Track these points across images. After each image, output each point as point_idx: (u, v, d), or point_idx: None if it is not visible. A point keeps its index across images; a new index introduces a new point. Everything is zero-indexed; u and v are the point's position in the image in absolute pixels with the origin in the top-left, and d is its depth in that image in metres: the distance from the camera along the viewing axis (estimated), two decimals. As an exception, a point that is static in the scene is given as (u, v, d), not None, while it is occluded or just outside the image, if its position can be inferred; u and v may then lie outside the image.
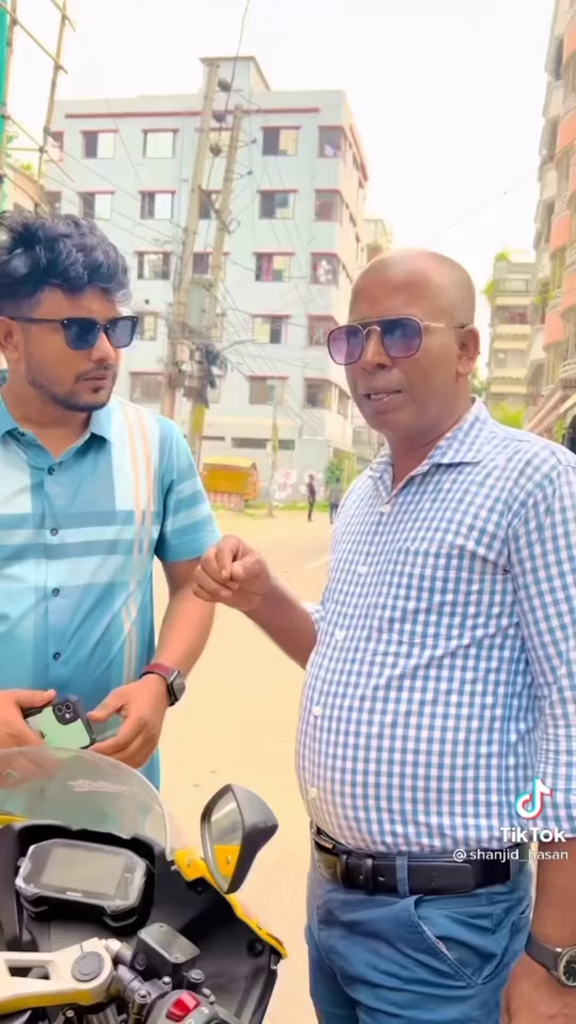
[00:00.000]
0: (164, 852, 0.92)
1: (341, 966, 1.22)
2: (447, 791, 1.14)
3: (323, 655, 1.27)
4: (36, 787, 1.21)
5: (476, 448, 1.21)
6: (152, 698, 1.43)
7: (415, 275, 1.19)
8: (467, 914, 1.14)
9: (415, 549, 1.18)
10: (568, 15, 28.16)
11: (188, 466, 1.60)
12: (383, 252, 1.32)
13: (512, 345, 60.61)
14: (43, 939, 0.90)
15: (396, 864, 1.15)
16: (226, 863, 0.85)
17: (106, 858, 0.93)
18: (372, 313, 1.19)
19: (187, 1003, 0.74)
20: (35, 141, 11.70)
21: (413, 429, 1.22)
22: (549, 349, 31.23)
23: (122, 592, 1.47)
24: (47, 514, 1.42)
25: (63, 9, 11.18)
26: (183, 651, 1.54)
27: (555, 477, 1.12)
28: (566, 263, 26.73)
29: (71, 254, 1.31)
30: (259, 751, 1.47)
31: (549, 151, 33.29)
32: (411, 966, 1.14)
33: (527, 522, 1.12)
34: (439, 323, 1.17)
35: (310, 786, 1.23)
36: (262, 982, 0.91)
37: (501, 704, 1.15)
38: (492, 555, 1.14)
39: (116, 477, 1.48)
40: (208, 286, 21.31)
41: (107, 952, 0.79)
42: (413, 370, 1.17)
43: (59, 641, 1.41)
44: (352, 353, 1.21)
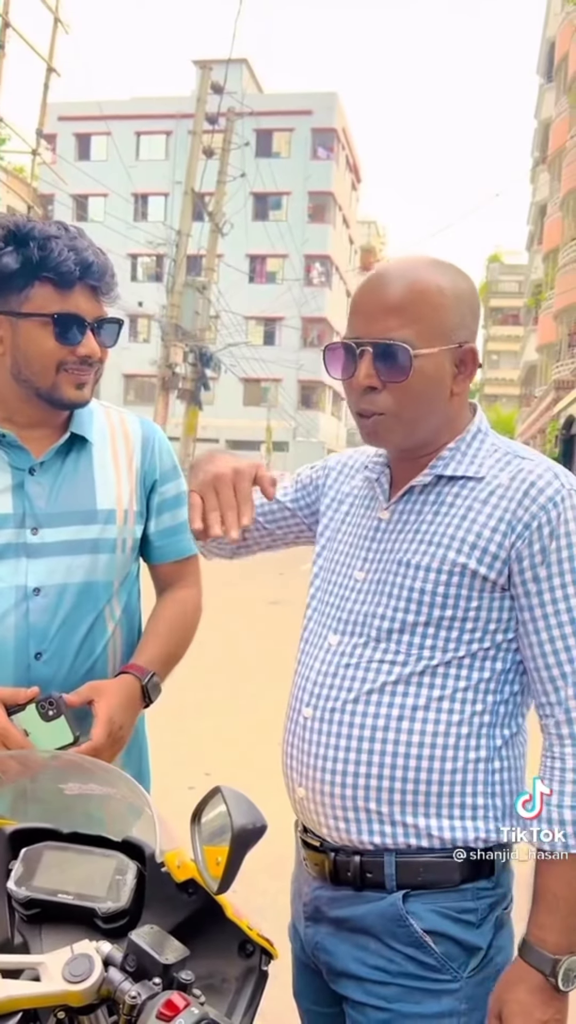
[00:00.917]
0: (154, 854, 0.93)
1: (328, 962, 1.24)
2: (435, 794, 1.15)
3: (315, 657, 1.27)
4: (26, 790, 1.21)
5: (479, 462, 1.21)
6: (123, 697, 1.43)
7: (413, 295, 1.15)
8: (453, 909, 1.16)
9: (416, 562, 1.18)
10: (560, 18, 28.26)
11: (172, 467, 1.60)
12: (381, 259, 1.31)
13: (505, 347, 60.75)
14: (35, 941, 0.90)
15: (383, 860, 1.17)
16: (216, 864, 0.86)
17: (97, 860, 0.93)
18: (366, 332, 1.16)
19: (177, 1003, 0.75)
20: (28, 143, 11.71)
21: (404, 447, 1.23)
22: (542, 350, 31.32)
23: (105, 592, 1.48)
24: (28, 514, 1.42)
25: (55, 12, 11.18)
26: (162, 653, 1.54)
27: (559, 501, 1.13)
28: (559, 265, 26.80)
29: (63, 252, 1.33)
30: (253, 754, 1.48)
31: (541, 153, 33.40)
32: (398, 960, 1.16)
33: (531, 544, 1.12)
34: (433, 347, 1.15)
35: (297, 786, 1.24)
36: (253, 983, 0.92)
37: (489, 711, 1.17)
38: (492, 574, 1.14)
39: (97, 477, 1.49)
40: (201, 288, 21.30)
41: (98, 954, 0.80)
42: (402, 395, 1.16)
43: (41, 640, 1.41)
44: (346, 370, 1.20)
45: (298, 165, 37.30)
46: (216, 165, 21.37)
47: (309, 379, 35.98)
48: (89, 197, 33.21)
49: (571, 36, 25.08)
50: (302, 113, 37.19)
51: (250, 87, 36.29)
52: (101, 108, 26.51)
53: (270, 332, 36.97)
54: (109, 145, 34.13)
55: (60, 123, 33.81)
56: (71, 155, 35.28)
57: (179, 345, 20.33)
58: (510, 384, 57.24)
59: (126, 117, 35.71)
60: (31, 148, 11.66)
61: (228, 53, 18.00)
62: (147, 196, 37.12)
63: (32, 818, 1.01)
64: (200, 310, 21.08)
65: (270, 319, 36.33)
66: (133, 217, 33.56)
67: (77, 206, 31.50)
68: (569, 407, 21.37)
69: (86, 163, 34.55)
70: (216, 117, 20.70)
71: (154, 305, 24.02)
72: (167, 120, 35.61)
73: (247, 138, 23.54)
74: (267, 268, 37.91)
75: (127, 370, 34.63)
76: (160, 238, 21.90)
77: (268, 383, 35.89)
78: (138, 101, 38.02)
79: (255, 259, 37.13)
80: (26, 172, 13.83)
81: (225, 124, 21.57)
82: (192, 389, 21.20)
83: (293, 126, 37.37)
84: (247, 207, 31.05)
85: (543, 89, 33.28)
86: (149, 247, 25.17)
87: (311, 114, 37.42)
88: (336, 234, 39.29)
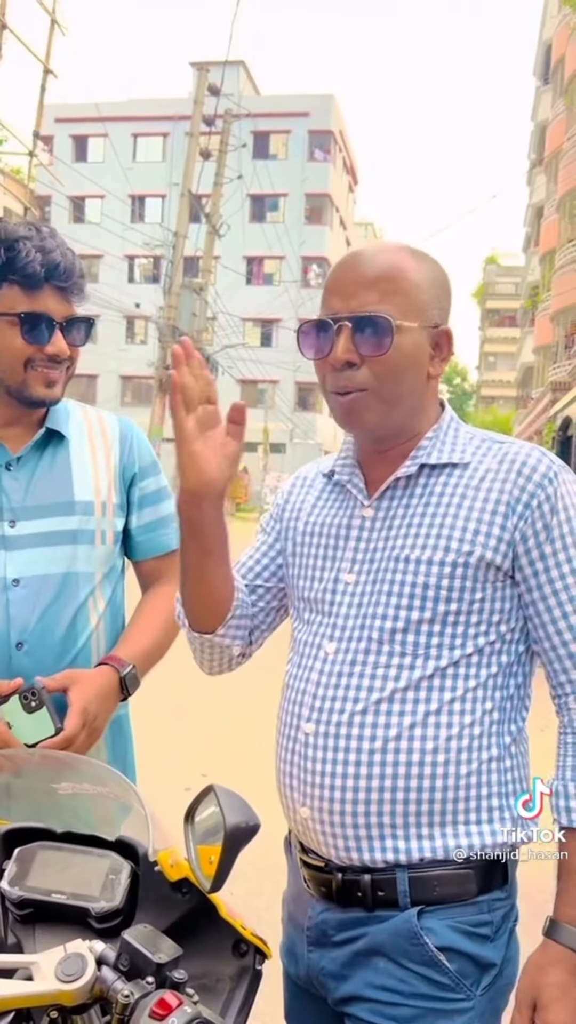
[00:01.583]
0: (148, 853, 0.93)
1: (335, 987, 1.18)
2: (451, 800, 1.12)
3: (311, 669, 1.20)
4: (18, 790, 1.21)
5: (460, 448, 1.19)
6: (100, 688, 1.44)
7: (389, 270, 1.14)
8: (469, 923, 1.12)
9: (416, 557, 1.15)
10: (556, 20, 28.31)
11: (151, 463, 1.62)
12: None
13: (502, 348, 60.80)
14: (28, 941, 0.90)
15: (396, 877, 1.13)
16: (209, 863, 0.86)
17: (91, 860, 0.93)
18: (343, 308, 1.14)
19: (170, 1002, 0.75)
20: (24, 145, 11.71)
21: (381, 430, 1.18)
22: (539, 352, 31.36)
23: (86, 583, 1.49)
24: (5, 507, 1.46)
25: (52, 13, 11.18)
26: (143, 646, 1.54)
27: (553, 476, 1.13)
28: (555, 266, 26.84)
29: (30, 253, 1.36)
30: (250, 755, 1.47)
31: (538, 155, 33.46)
32: (411, 980, 1.12)
33: (534, 523, 1.12)
34: (412, 322, 1.13)
35: (300, 806, 1.18)
36: (247, 982, 0.92)
37: (498, 708, 1.15)
38: (499, 558, 1.13)
39: (75, 469, 1.52)
40: (198, 290, 21.30)
41: (91, 953, 0.80)
42: (382, 369, 1.13)
43: (21, 631, 1.43)
44: (322, 348, 1.16)
45: (295, 167, 37.33)
46: (213, 167, 21.38)
47: (306, 381, 35.98)
48: (86, 199, 33.23)
49: (568, 38, 25.12)
50: (299, 115, 37.23)
51: (247, 89, 36.30)
52: (98, 110, 26.52)
53: (267, 334, 36.99)
54: (106, 147, 34.09)
55: (57, 125, 33.81)
56: (68, 157, 35.27)
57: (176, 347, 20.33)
58: (507, 386, 57.32)
59: (123, 119, 35.72)
60: (28, 149, 11.66)
61: (225, 55, 18.02)
62: (144, 198, 37.12)
63: (30, 819, 1.01)
64: (197, 312, 21.08)
65: (267, 321, 36.35)
66: (130, 219, 33.54)
67: (74, 208, 31.49)
68: (566, 408, 21.39)
69: (83, 165, 34.55)
70: (213, 119, 20.72)
71: (151, 307, 24.02)
72: (164, 122, 35.63)
73: (244, 140, 23.56)
74: (264, 270, 37.94)
75: (124, 372, 34.61)
76: (157, 240, 21.92)
77: (265, 385, 35.89)
78: (135, 103, 38.03)
79: (252, 261, 37.16)
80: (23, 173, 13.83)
81: (222, 126, 21.58)
82: (189, 391, 21.14)
83: (290, 128, 37.41)
84: (244, 209, 31.04)
85: (540, 91, 33.34)
86: (146, 249, 25.17)
87: (308, 116, 37.46)
88: (333, 236, 39.31)
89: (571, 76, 25.80)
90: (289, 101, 37.75)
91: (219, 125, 21.39)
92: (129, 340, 36.17)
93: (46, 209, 25.40)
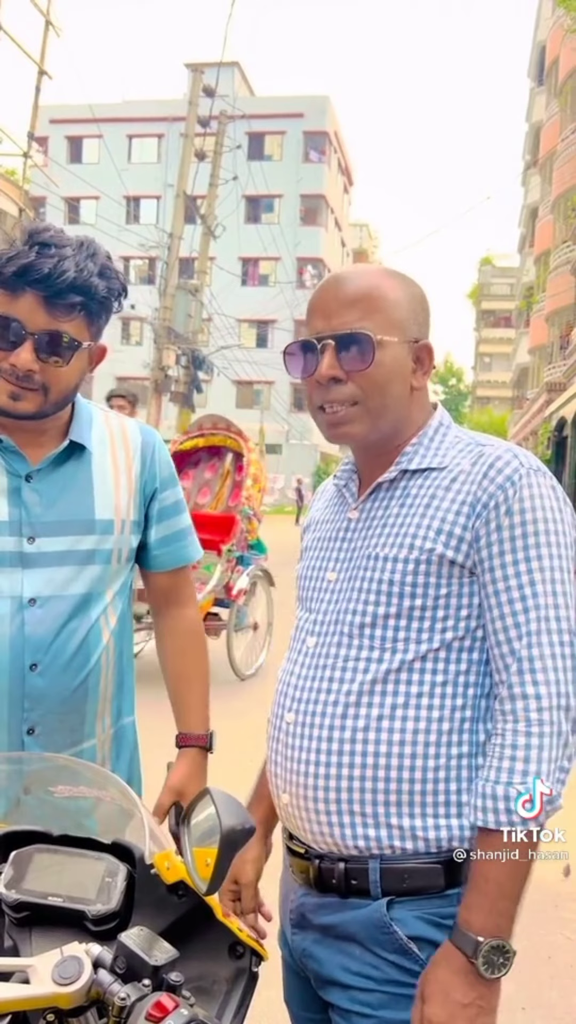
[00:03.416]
0: (144, 856, 0.93)
1: (315, 969, 1.23)
2: (419, 793, 1.15)
3: (295, 662, 1.27)
4: (16, 792, 1.21)
5: (442, 453, 1.23)
6: (203, 780, 1.52)
7: (368, 290, 1.20)
8: (438, 915, 1.15)
9: (384, 555, 1.20)
10: (550, 21, 28.37)
11: (170, 475, 1.59)
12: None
13: (497, 349, 60.91)
14: (24, 944, 0.90)
15: (368, 867, 1.16)
16: (205, 865, 0.86)
17: (87, 863, 0.93)
18: (326, 327, 1.20)
19: (166, 1005, 0.75)
20: (19, 146, 11.71)
21: (368, 441, 1.24)
22: (534, 353, 31.44)
23: (99, 602, 1.46)
24: (24, 522, 1.40)
25: (47, 14, 11.18)
26: (204, 701, 1.63)
27: (516, 480, 1.14)
28: (550, 267, 26.90)
29: (22, 255, 1.28)
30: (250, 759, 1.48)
31: (532, 156, 33.53)
32: (383, 967, 1.15)
33: (488, 523, 1.14)
34: (392, 337, 1.19)
35: (282, 792, 1.24)
36: (243, 984, 0.92)
37: (471, 706, 1.17)
38: (460, 557, 1.15)
39: (96, 486, 1.46)
40: (194, 291, 21.28)
41: (87, 956, 0.80)
42: (367, 383, 1.19)
43: (36, 652, 1.39)
44: (308, 367, 1.23)
45: (290, 168, 37.35)
46: (208, 168, 21.38)
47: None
48: (81, 200, 33.19)
49: (562, 40, 25.17)
50: (294, 116, 37.26)
51: (242, 90, 36.33)
52: (93, 111, 26.46)
53: (263, 335, 37.00)
54: (101, 148, 34.10)
55: (52, 126, 33.81)
56: (63, 158, 35.22)
57: (172, 348, 20.31)
58: (502, 386, 57.41)
59: (118, 120, 35.72)
60: (22, 151, 11.65)
61: (220, 56, 18.03)
62: (139, 199, 37.12)
63: (27, 822, 1.01)
64: (192, 313, 21.06)
65: (263, 322, 36.37)
66: (125, 220, 33.51)
67: (69, 209, 31.44)
68: (561, 409, 21.43)
69: (78, 166, 34.55)
70: (208, 120, 20.71)
71: (146, 308, 24.00)
72: (159, 123, 35.65)
73: (239, 141, 23.55)
74: (259, 271, 37.95)
75: (120, 373, 34.57)
76: (152, 241, 21.84)
77: (261, 386, 35.89)
78: (130, 104, 38.03)
79: (247, 262, 37.17)
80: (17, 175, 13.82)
81: (217, 127, 21.58)
82: (185, 392, 21.16)
83: (285, 129, 37.43)
84: (239, 210, 31.07)
85: (534, 92, 33.44)
86: (141, 250, 25.10)
87: (303, 117, 37.49)
88: (328, 237, 39.35)
89: (565, 77, 25.86)
90: (284, 102, 37.77)
91: (214, 126, 21.38)
92: (124, 341, 36.14)
93: (41, 211, 25.39)
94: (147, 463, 1.54)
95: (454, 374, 67.01)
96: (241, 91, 35.46)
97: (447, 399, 65.18)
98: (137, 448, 1.53)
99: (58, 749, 1.39)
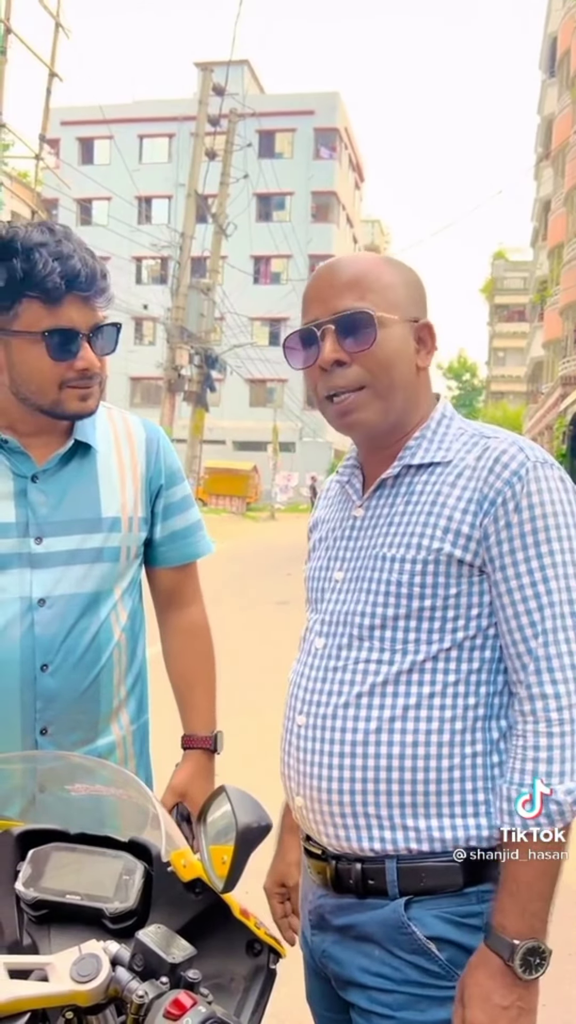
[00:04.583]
0: (161, 854, 0.93)
1: (334, 970, 1.22)
2: (434, 793, 1.14)
3: (305, 663, 1.25)
4: (31, 791, 1.22)
5: (446, 447, 1.20)
6: (207, 782, 1.51)
7: (363, 273, 1.18)
8: (457, 913, 1.13)
9: (391, 555, 1.17)
10: (561, 13, 28.18)
11: (176, 470, 1.58)
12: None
13: (511, 343, 60.60)
14: (43, 942, 0.90)
15: (385, 867, 1.15)
16: (221, 863, 0.86)
17: (105, 861, 0.94)
18: (324, 312, 1.18)
19: (184, 1002, 0.75)
20: (31, 148, 11.75)
21: (380, 428, 1.21)
22: (548, 346, 31.25)
23: (109, 600, 1.46)
24: (31, 522, 1.40)
25: (57, 17, 11.21)
26: (211, 701, 1.61)
27: (523, 474, 1.11)
28: (563, 260, 26.73)
29: (47, 264, 1.28)
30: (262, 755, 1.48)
31: (544, 149, 33.30)
32: (402, 967, 1.14)
33: (496, 520, 1.11)
34: (392, 315, 1.17)
35: (295, 795, 1.22)
36: (261, 981, 0.93)
37: (484, 704, 1.15)
38: (468, 556, 1.13)
39: (101, 484, 1.46)
40: (206, 290, 21.33)
41: (105, 953, 0.80)
42: (372, 363, 1.16)
43: (47, 652, 1.39)
44: (309, 357, 1.20)
45: (301, 165, 37.32)
46: (219, 167, 21.41)
47: (315, 379, 35.89)
48: (93, 201, 33.29)
49: (573, 31, 25.00)
50: (304, 113, 37.21)
51: (252, 88, 36.32)
52: (103, 112, 26.54)
53: (275, 333, 36.97)
54: (112, 149, 34.22)
55: (63, 128, 33.91)
56: (74, 159, 35.37)
57: (184, 347, 20.37)
58: (516, 381, 57.11)
59: (128, 120, 35.80)
60: (34, 153, 11.70)
61: (229, 55, 18.03)
62: (150, 199, 37.20)
63: (45, 820, 1.01)
64: (205, 312, 21.10)
65: (275, 320, 36.34)
66: (137, 220, 33.62)
67: (81, 210, 31.55)
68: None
69: (89, 167, 34.65)
70: (218, 119, 20.74)
71: (159, 308, 24.09)
72: (169, 123, 35.70)
73: (249, 139, 23.57)
74: (271, 269, 37.95)
75: (133, 373, 34.69)
76: (164, 241, 21.90)
77: (274, 384, 35.91)
78: (140, 104, 38.11)
79: (259, 260, 37.16)
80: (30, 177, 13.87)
81: (227, 125, 21.60)
82: (198, 391, 21.22)
83: (295, 126, 37.40)
84: (250, 208, 31.10)
85: (545, 85, 33.21)
86: (153, 250, 25.17)
87: (313, 114, 37.44)
88: (340, 233, 39.28)
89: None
90: (294, 100, 37.73)
91: (224, 125, 21.41)
92: (138, 341, 36.24)
93: (53, 212, 25.49)
94: (152, 459, 1.54)
95: (468, 369, 66.75)
96: (251, 89, 35.45)
97: (461, 394, 64.93)
98: (142, 444, 1.54)
99: (72, 748, 1.39)
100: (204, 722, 1.59)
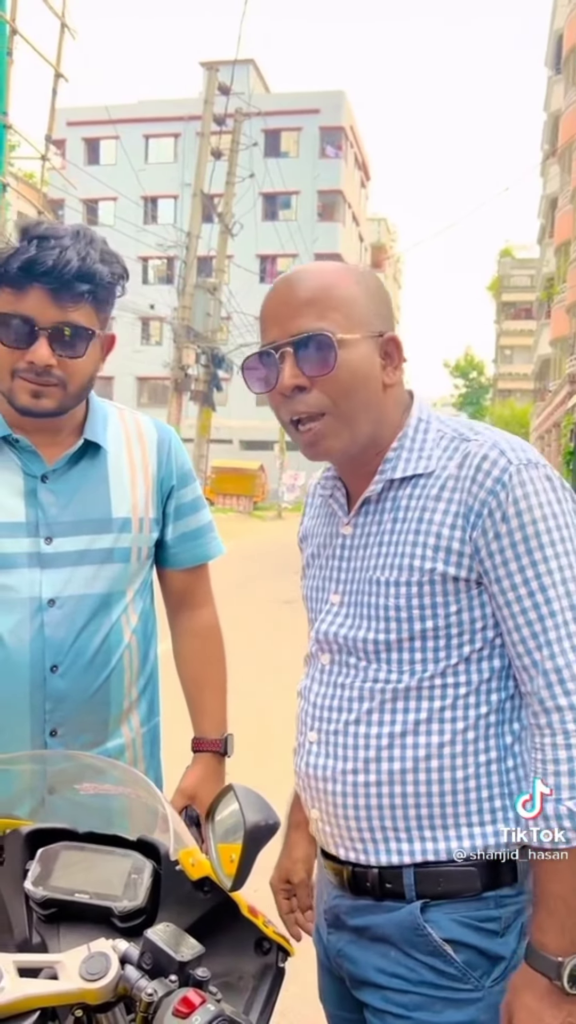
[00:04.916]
0: (169, 853, 0.93)
1: (349, 969, 1.21)
2: (450, 804, 1.13)
3: (313, 679, 1.24)
4: (41, 791, 1.22)
5: (427, 455, 1.15)
6: (217, 785, 1.50)
7: (321, 289, 1.12)
8: (475, 917, 1.12)
9: (385, 579, 1.14)
10: (567, 9, 28.08)
11: (188, 471, 1.57)
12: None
13: (518, 341, 60.41)
14: (52, 941, 0.91)
15: (402, 872, 1.14)
16: (230, 861, 0.86)
17: (113, 860, 0.94)
18: (282, 334, 1.11)
19: (193, 1000, 0.75)
20: (37, 149, 11.75)
21: (350, 452, 1.16)
22: (555, 344, 31.14)
23: (120, 601, 1.45)
24: (41, 522, 1.39)
25: (62, 17, 11.21)
26: (221, 703, 1.61)
27: (507, 480, 1.07)
28: (570, 258, 26.64)
29: (23, 251, 1.26)
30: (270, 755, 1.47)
31: (551, 146, 33.18)
32: (418, 968, 1.13)
33: (485, 533, 1.08)
34: (354, 334, 1.11)
35: (311, 808, 1.22)
36: (270, 980, 0.93)
37: (495, 710, 1.14)
38: (463, 572, 1.10)
39: (112, 484, 1.46)
40: (212, 290, 21.32)
41: (114, 952, 0.80)
42: (333, 388, 1.11)
43: (56, 653, 1.38)
44: (269, 380, 1.14)
45: (307, 164, 37.29)
46: (225, 166, 21.40)
47: (322, 378, 35.86)
48: (99, 201, 33.34)
49: (579, 27, 24.90)
50: (310, 112, 37.18)
51: (257, 87, 36.29)
52: (109, 112, 26.57)
53: (282, 332, 36.95)
54: (118, 149, 34.18)
55: (69, 128, 33.94)
56: (80, 160, 35.42)
57: (191, 347, 20.37)
58: (523, 379, 56.93)
59: (134, 120, 35.84)
60: (40, 154, 11.70)
61: (234, 54, 18.02)
62: (156, 199, 37.20)
63: (53, 819, 1.01)
64: (211, 311, 21.11)
65: (281, 319, 36.30)
66: (143, 220, 33.61)
67: (87, 211, 31.60)
68: (584, 400, 21.23)
69: (95, 167, 34.67)
70: (224, 118, 20.72)
71: (165, 308, 24.09)
72: (175, 122, 35.71)
73: (255, 138, 23.53)
74: (277, 268, 37.89)
75: (140, 373, 34.71)
76: (170, 241, 21.92)
77: (281, 383, 35.81)
78: (146, 104, 38.15)
79: (265, 259, 37.14)
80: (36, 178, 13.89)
81: (233, 125, 21.59)
82: (205, 390, 21.23)
83: (301, 125, 37.37)
84: (256, 207, 31.01)
85: (552, 81, 33.08)
86: (159, 250, 25.18)
87: (319, 113, 37.41)
88: (346, 232, 39.26)
89: (583, 65, 25.55)
90: (299, 98, 37.72)
91: (230, 124, 21.39)
92: (144, 341, 36.27)
93: (59, 213, 25.51)
94: (164, 460, 1.53)
95: (475, 367, 66.53)
96: (256, 88, 35.40)
97: (468, 392, 64.73)
98: (153, 445, 1.53)
99: (81, 750, 1.38)
100: (214, 725, 1.59)
